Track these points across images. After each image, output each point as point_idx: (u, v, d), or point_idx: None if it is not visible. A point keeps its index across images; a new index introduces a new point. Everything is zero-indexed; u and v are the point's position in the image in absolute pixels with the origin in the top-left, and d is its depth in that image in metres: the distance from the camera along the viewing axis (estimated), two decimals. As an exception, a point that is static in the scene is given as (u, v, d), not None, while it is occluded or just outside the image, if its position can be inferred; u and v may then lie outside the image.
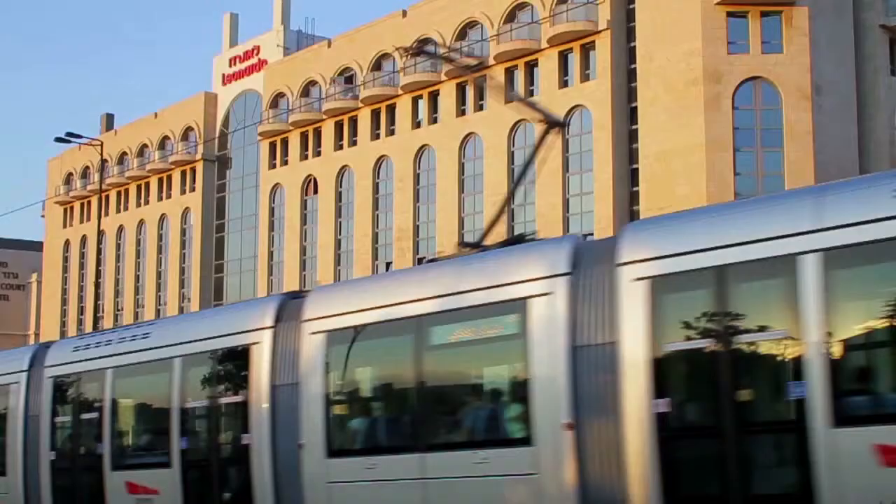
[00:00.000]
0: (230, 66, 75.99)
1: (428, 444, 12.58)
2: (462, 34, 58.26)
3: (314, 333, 13.79)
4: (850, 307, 9.93)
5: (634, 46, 51.66)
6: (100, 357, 17.25)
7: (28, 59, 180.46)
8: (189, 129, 77.08)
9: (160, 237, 79.99)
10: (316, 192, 66.78)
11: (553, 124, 15.95)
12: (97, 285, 53.55)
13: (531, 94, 55.21)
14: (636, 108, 51.34)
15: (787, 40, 48.71)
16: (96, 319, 57.90)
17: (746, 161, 48.63)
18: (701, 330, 10.48)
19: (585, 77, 53.26)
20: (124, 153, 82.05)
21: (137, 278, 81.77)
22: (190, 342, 15.74)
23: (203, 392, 15.45)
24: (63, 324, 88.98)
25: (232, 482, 14.91)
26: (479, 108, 57.83)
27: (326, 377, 13.68)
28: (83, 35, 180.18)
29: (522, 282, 11.94)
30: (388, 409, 13.88)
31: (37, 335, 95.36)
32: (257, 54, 73.96)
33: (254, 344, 14.47)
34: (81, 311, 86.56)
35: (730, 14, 48.82)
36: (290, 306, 14.51)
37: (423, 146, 60.26)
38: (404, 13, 61.98)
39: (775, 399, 10.17)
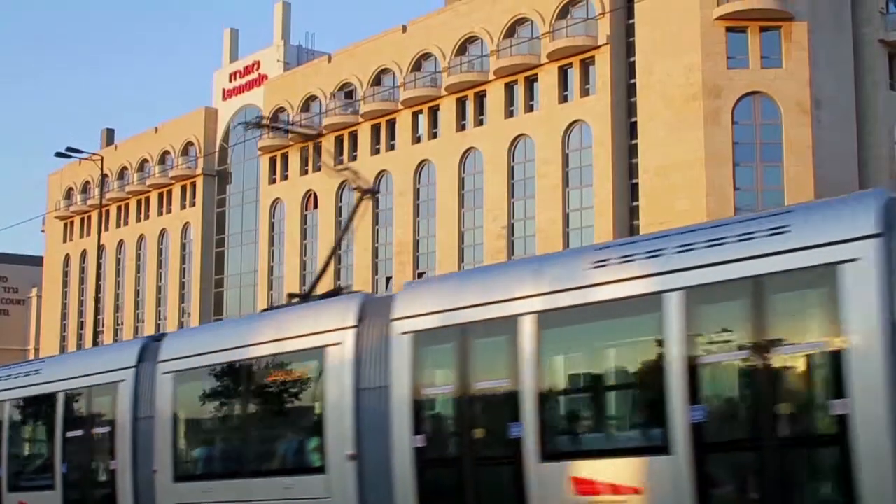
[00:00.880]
0: (230, 80, 76.12)
1: (251, 471, 14.97)
2: (462, 49, 58.35)
3: (165, 374, 16.19)
4: (555, 361, 12.19)
5: (634, 61, 51.73)
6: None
7: (28, 75, 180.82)
8: (189, 143, 77.19)
9: (160, 252, 80.00)
10: (316, 206, 66.80)
11: (367, 192, 19.05)
12: (97, 300, 53.61)
13: (531, 108, 55.32)
14: (636, 122, 51.39)
15: (787, 55, 48.81)
16: (96, 334, 57.86)
17: (746, 176, 48.67)
18: (447, 378, 12.87)
19: (585, 92, 53.31)
20: (124, 168, 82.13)
21: (137, 293, 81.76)
22: (70, 378, 18.17)
23: (79, 424, 17.90)
24: (63, 338, 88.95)
25: (102, 502, 17.21)
26: (479, 122, 57.88)
27: (175, 412, 16.09)
28: (83, 50, 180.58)
29: (321, 333, 14.17)
30: (221, 440, 16.23)
31: (37, 350, 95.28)
32: (258, 69, 74.09)
33: (120, 382, 16.87)
34: (81, 325, 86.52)
35: (729, 29, 48.91)
36: (150, 348, 16.87)
37: (422, 161, 60.31)
38: (404, 28, 62.11)
39: (500, 437, 12.10)
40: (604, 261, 11.74)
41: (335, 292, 16.37)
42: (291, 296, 18.29)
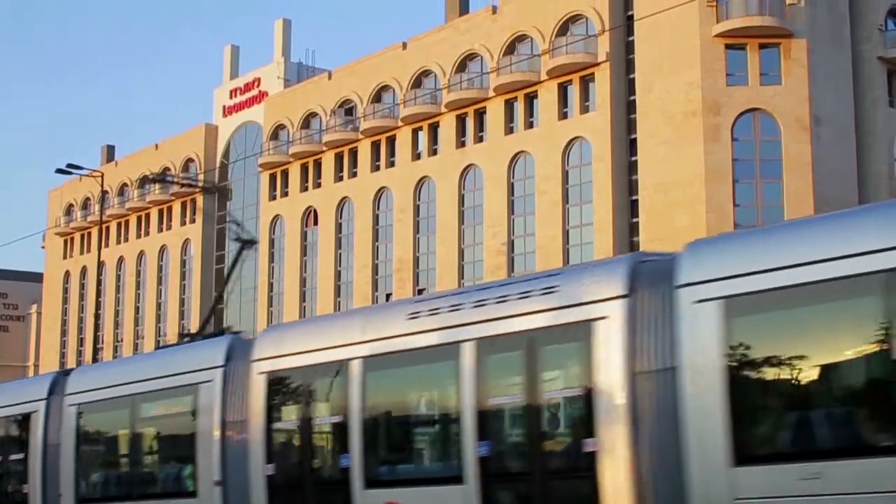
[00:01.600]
0: (231, 97, 76.26)
1: (139, 495, 16.79)
2: (462, 66, 58.47)
3: (70, 406, 17.85)
4: (377, 401, 13.84)
5: (634, 78, 51.82)
6: None
7: (29, 91, 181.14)
8: (190, 160, 77.27)
9: (160, 268, 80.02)
10: (316, 223, 66.85)
11: (247, 242, 21.70)
12: (97, 316, 53.65)
13: (531, 125, 55.39)
14: (635, 139, 51.45)
15: (786, 72, 48.90)
16: (96, 350, 57.91)
17: (746, 192, 48.71)
18: (293, 414, 14.75)
19: (585, 109, 53.38)
20: (125, 184, 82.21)
21: (137, 309, 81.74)
22: None
23: (2, 449, 19.70)
24: (62, 355, 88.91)
25: None
26: (479, 139, 57.94)
27: (77, 441, 17.65)
28: (84, 66, 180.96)
29: (194, 371, 15.93)
30: (114, 466, 18.03)
31: (36, 366, 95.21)
32: (258, 86, 74.22)
33: (33, 412, 18.57)
34: (81, 342, 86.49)
35: (728, 46, 49.01)
36: (60, 382, 18.47)
37: (423, 178, 60.35)
38: (404, 45, 62.24)
39: (334, 466, 13.98)
40: (417, 313, 13.47)
41: (220, 332, 18.43)
42: (183, 335, 20.54)
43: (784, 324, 10.52)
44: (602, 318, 11.41)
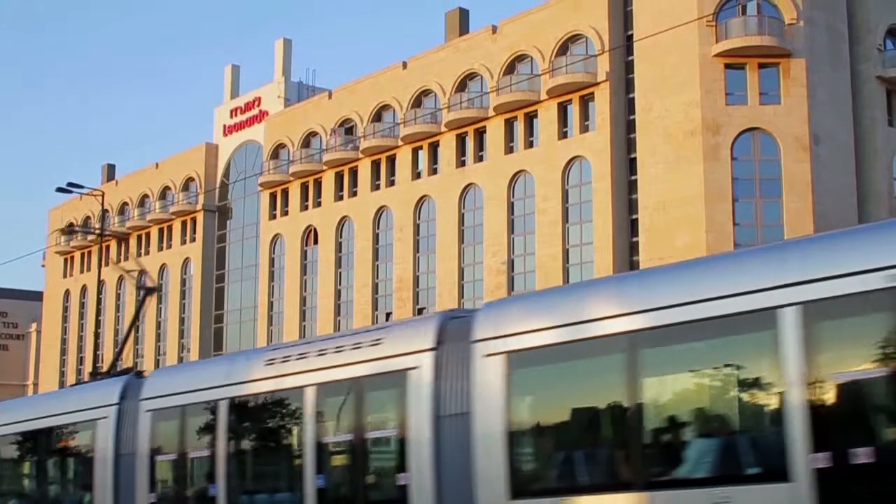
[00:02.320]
0: (231, 117, 76.40)
1: None
2: (462, 86, 58.60)
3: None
4: (239, 438, 15.55)
5: (633, 98, 51.91)
6: None
7: (29, 109, 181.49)
8: (190, 179, 77.36)
9: (160, 287, 79.94)
10: (316, 242, 66.86)
11: (149, 290, 22.99)
12: (97, 335, 53.58)
13: (531, 144, 55.47)
14: (635, 158, 51.49)
15: (785, 91, 49.00)
16: (95, 369, 57.72)
17: (746, 211, 48.73)
18: (173, 447, 16.59)
19: (585, 128, 53.45)
20: (125, 203, 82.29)
21: (137, 328, 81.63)
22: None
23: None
24: (62, 374, 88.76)
25: None
26: (479, 158, 58.01)
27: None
28: (84, 85, 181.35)
29: (93, 408, 17.79)
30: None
31: (35, 385, 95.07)
32: (258, 105, 74.38)
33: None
34: (81, 360, 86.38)
35: (728, 66, 49.12)
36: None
37: (422, 197, 60.39)
38: (405, 65, 62.37)
39: (205, 495, 15.75)
40: (272, 360, 15.30)
41: (124, 371, 20.09)
42: (94, 373, 22.58)
43: (550, 376, 12.38)
44: (414, 367, 13.18)
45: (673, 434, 11.17)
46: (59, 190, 49.09)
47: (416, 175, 61.17)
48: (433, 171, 60.31)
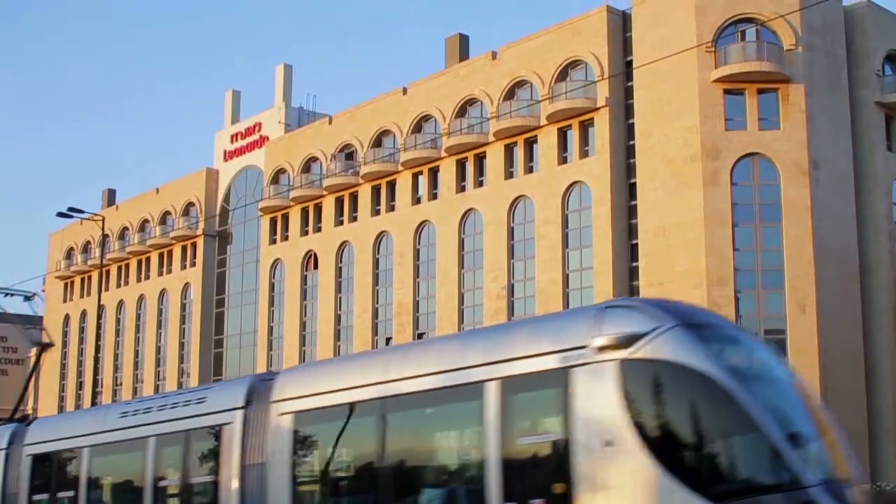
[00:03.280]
0: (232, 142, 76.56)
1: None
2: (462, 111, 58.74)
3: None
4: (98, 481, 18.22)
5: (633, 123, 52.02)
6: None
7: (30, 134, 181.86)
8: (190, 204, 77.46)
9: (160, 312, 79.97)
10: (316, 267, 66.86)
11: (45, 346, 25.08)
12: (96, 360, 53.45)
13: (531, 169, 55.55)
14: (635, 183, 51.56)
15: (784, 117, 49.11)
16: (94, 394, 57.70)
17: (745, 236, 48.77)
18: (45, 488, 19.30)
19: (584, 153, 53.53)
20: (125, 228, 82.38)
21: (137, 353, 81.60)
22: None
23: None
24: (61, 399, 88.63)
25: None
26: (479, 184, 58.08)
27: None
28: (85, 110, 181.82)
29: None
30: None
31: (35, 410, 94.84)
32: (259, 130, 74.53)
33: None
34: (80, 385, 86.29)
35: (727, 91, 49.26)
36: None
37: (423, 222, 60.44)
38: (405, 90, 62.54)
39: None
40: (126, 412, 17.86)
41: (23, 419, 22.58)
42: None
43: (323, 433, 14.39)
44: (228, 423, 15.33)
45: (409, 483, 13.32)
46: (60, 215, 49.11)
47: (417, 200, 61.23)
48: (433, 197, 60.37)
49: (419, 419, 13.55)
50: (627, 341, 11.12)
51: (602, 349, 11.21)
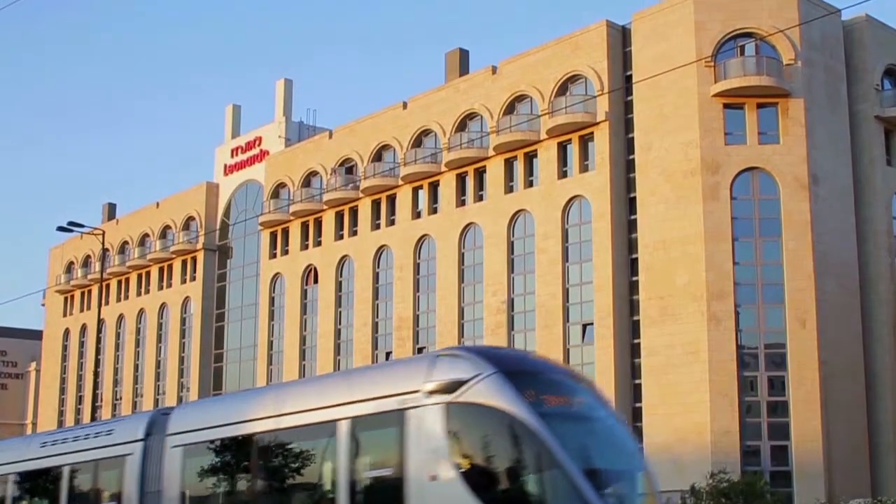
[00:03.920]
0: (232, 156, 76.64)
1: None
2: (462, 125, 58.81)
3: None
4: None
5: (633, 137, 52.08)
6: None
7: (30, 148, 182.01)
8: (190, 218, 77.48)
9: (160, 326, 79.91)
10: (316, 281, 66.84)
11: None
12: (96, 374, 53.40)
13: (531, 184, 55.60)
14: (635, 198, 51.58)
15: (784, 131, 49.18)
16: (94, 409, 57.64)
17: (745, 250, 48.78)
18: None
19: (584, 168, 53.57)
20: (126, 242, 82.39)
21: (136, 367, 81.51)
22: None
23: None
24: (61, 413, 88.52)
25: None
26: (479, 198, 58.11)
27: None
28: (86, 124, 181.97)
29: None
30: None
31: (34, 425, 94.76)
32: (259, 145, 74.62)
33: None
34: (80, 400, 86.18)
35: (726, 106, 49.33)
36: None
37: (423, 236, 60.45)
38: (405, 105, 62.63)
39: None
40: (45, 442, 20.27)
41: None
42: None
43: (206, 464, 16.08)
44: (130, 454, 17.34)
45: None
46: (60, 229, 49.08)
47: (417, 214, 61.26)
48: (433, 211, 60.40)
49: (287, 452, 15.02)
50: (452, 387, 12.43)
51: (431, 393, 12.55)
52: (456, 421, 12.33)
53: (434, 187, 60.43)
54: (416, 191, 61.35)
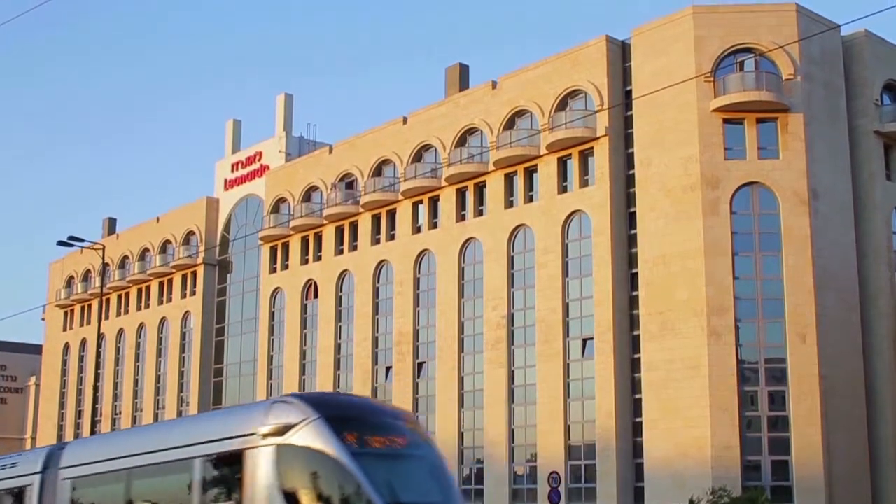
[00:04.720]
0: (232, 171, 76.73)
1: None
2: (462, 140, 58.89)
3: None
4: None
5: (632, 152, 52.12)
6: None
7: (30, 164, 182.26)
8: (191, 233, 77.52)
9: (160, 340, 79.89)
10: (316, 296, 66.83)
11: None
12: (95, 388, 53.31)
13: (531, 199, 55.62)
14: (635, 213, 51.60)
15: (783, 146, 49.21)
16: (94, 423, 57.54)
17: (745, 265, 48.74)
18: None
19: (584, 182, 53.59)
20: (126, 257, 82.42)
21: (136, 382, 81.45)
22: None
23: None
24: (60, 427, 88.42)
25: None
26: (479, 213, 58.15)
27: None
28: (86, 139, 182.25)
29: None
30: None
31: (33, 439, 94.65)
32: (259, 160, 74.71)
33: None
34: (79, 414, 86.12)
35: (726, 121, 49.37)
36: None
37: (423, 251, 60.47)
38: (405, 120, 62.72)
39: None
40: None
41: None
42: None
43: (90, 495, 18.08)
44: (29, 485, 19.21)
45: None
46: (60, 243, 49.09)
47: (417, 229, 61.28)
48: (433, 226, 60.44)
49: (156, 486, 16.82)
50: (283, 430, 14.05)
51: (266, 436, 14.17)
52: (284, 461, 13.98)
53: (434, 202, 60.46)
54: (416, 205, 61.39)
